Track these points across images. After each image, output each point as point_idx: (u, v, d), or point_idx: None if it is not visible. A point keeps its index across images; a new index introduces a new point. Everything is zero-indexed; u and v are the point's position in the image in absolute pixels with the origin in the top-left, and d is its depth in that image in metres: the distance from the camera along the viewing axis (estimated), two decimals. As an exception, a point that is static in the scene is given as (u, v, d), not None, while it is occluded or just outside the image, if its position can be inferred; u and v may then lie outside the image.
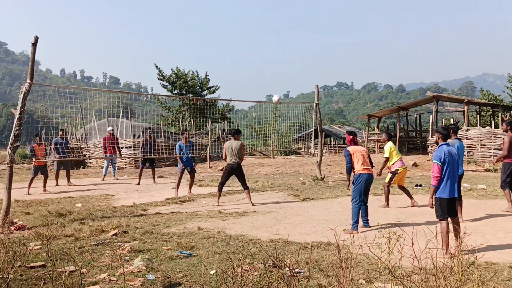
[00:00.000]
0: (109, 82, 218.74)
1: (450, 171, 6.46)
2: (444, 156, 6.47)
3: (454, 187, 6.54)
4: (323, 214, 9.87)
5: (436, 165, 6.48)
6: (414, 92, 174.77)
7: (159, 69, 37.78)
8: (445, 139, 6.73)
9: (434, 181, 6.53)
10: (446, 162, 6.46)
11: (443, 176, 6.48)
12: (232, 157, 11.20)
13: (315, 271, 5.44)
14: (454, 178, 6.54)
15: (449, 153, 6.49)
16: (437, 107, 27.22)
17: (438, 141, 6.78)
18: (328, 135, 46.13)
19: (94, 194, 13.46)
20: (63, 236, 7.51)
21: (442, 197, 6.49)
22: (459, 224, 6.63)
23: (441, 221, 6.52)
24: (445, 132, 6.75)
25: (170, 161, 25.16)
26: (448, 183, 6.45)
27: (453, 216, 6.60)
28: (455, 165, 6.53)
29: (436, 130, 6.90)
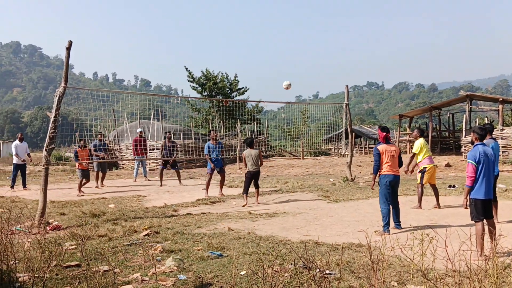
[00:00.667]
0: (140, 84, 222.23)
1: (485, 171, 6.32)
2: (479, 156, 6.34)
3: (490, 188, 6.40)
4: (353, 215, 9.79)
5: (471, 165, 6.36)
6: (446, 91, 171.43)
7: (189, 71, 38.13)
8: (481, 139, 6.58)
9: (468, 182, 6.41)
10: (481, 162, 6.33)
11: (478, 176, 6.35)
12: (253, 164, 11.78)
13: (346, 272, 5.40)
14: (490, 179, 6.39)
15: (484, 153, 6.35)
16: (470, 107, 26.63)
17: (474, 141, 6.64)
18: (358, 135, 45.70)
19: (126, 195, 13.70)
20: (97, 236, 7.66)
21: (477, 198, 6.35)
22: (494, 226, 6.48)
23: (476, 223, 6.39)
24: (481, 132, 6.60)
25: (200, 162, 25.35)
26: (484, 184, 6.32)
27: (488, 218, 6.44)
28: (490, 166, 6.39)
29: (472, 130, 6.76)
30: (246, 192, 11.71)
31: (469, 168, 6.38)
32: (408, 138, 31.93)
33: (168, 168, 17.94)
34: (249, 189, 11.79)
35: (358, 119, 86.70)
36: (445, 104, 32.43)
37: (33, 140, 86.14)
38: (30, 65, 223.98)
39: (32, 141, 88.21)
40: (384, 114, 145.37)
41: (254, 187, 11.97)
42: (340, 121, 20.31)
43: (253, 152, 11.86)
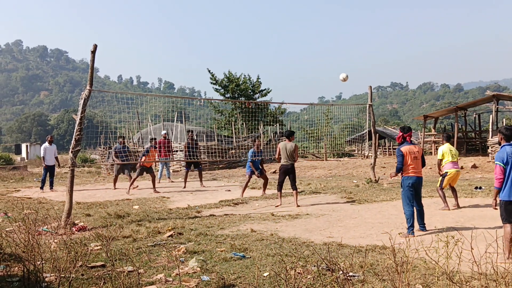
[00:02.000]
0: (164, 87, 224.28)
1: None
2: (507, 157, 6.20)
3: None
4: (377, 217, 9.70)
5: (499, 166, 6.22)
6: (472, 91, 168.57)
7: (211, 74, 38.38)
8: (508, 139, 6.44)
9: (496, 183, 6.27)
10: (509, 163, 6.19)
11: (506, 177, 6.22)
12: (286, 158, 11.50)
13: (370, 275, 5.36)
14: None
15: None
16: (497, 107, 26.12)
17: (501, 141, 6.51)
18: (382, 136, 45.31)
19: (150, 197, 13.84)
20: (121, 237, 7.76)
21: (507, 199, 6.22)
22: None
23: (505, 225, 6.25)
24: (508, 132, 6.46)
25: (223, 164, 25.47)
26: (509, 185, 6.16)
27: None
28: None
29: (499, 131, 6.63)
30: (280, 189, 11.73)
31: (497, 169, 6.25)
32: (433, 139, 31.50)
33: (192, 170, 18.04)
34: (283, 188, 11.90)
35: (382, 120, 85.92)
36: (471, 105, 31.89)
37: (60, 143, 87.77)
38: (57, 69, 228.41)
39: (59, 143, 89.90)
40: (408, 115, 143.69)
41: (291, 188, 11.67)
42: (364, 122, 20.16)
43: (289, 145, 11.49)
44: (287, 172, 11.58)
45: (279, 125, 33.81)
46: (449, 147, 10.66)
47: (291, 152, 11.47)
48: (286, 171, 11.56)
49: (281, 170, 11.67)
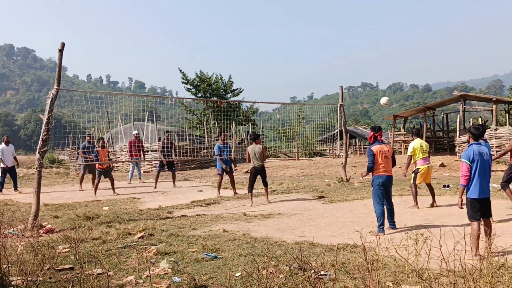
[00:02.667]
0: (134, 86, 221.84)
1: (480, 170, 6.32)
2: (473, 155, 6.34)
3: (486, 187, 6.39)
4: (348, 216, 9.79)
5: (465, 164, 6.36)
6: (440, 91, 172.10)
7: (183, 73, 38.11)
8: (476, 138, 6.58)
9: (462, 181, 6.41)
10: (475, 162, 6.33)
11: (472, 176, 6.35)
12: (256, 160, 11.91)
13: (341, 273, 5.39)
14: (486, 178, 6.39)
15: (479, 153, 6.35)
16: (464, 107, 26.71)
17: (469, 140, 6.66)
18: (353, 136, 45.77)
19: (120, 198, 13.64)
20: (90, 239, 7.63)
21: (473, 197, 6.36)
22: (490, 225, 6.49)
23: (472, 222, 6.38)
24: (476, 131, 6.60)
25: (195, 164, 25.33)
26: (478, 183, 6.31)
27: (486, 217, 6.45)
28: (486, 165, 6.38)
29: (468, 130, 6.79)
30: (251, 190, 11.90)
31: (463, 167, 6.39)
32: (403, 138, 32.01)
33: (165, 170, 17.87)
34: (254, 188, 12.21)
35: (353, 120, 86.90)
36: (439, 104, 32.52)
37: (27, 143, 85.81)
38: (24, 68, 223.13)
39: (26, 143, 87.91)
40: (378, 114, 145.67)
41: (263, 185, 12.39)
42: (335, 122, 20.35)
43: (257, 147, 11.98)
44: (258, 173, 12.06)
45: (252, 124, 33.82)
46: (420, 142, 10.72)
47: (259, 153, 11.94)
48: (257, 172, 12.03)
49: (252, 172, 12.03)
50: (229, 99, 38.69)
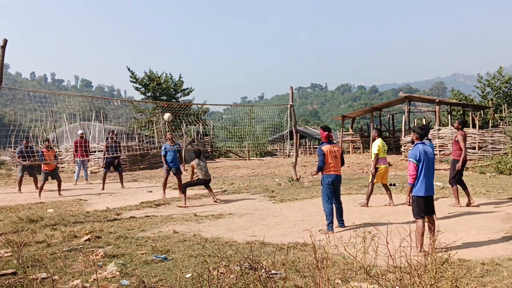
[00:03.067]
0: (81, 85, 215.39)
1: (425, 169, 6.55)
2: (419, 154, 6.55)
3: (431, 185, 6.62)
4: (299, 215, 9.89)
5: (412, 163, 6.57)
6: (386, 92, 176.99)
7: (131, 72, 37.37)
8: (422, 138, 6.81)
9: (410, 180, 6.62)
10: (421, 161, 6.54)
11: (419, 174, 6.56)
12: (206, 173, 12.05)
13: (292, 272, 5.44)
14: (430, 176, 6.62)
15: (424, 152, 6.57)
16: (409, 107, 27.59)
17: (415, 140, 6.86)
18: (303, 136, 46.33)
19: (66, 199, 13.21)
20: (34, 242, 7.35)
21: (419, 195, 6.57)
22: (434, 222, 6.73)
23: (417, 220, 6.59)
24: (421, 131, 6.82)
25: (144, 165, 24.92)
26: (424, 181, 6.53)
27: (429, 214, 6.68)
28: (430, 164, 6.62)
29: (413, 130, 7.00)
30: (185, 190, 11.81)
31: (410, 166, 6.59)
32: (351, 138, 32.70)
33: (111, 171, 17.47)
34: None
35: (303, 120, 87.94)
36: (385, 105, 33.43)
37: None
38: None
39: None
40: (327, 115, 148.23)
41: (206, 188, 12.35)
42: (285, 122, 20.54)
43: (202, 162, 12.06)
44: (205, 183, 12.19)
45: (202, 124, 33.62)
46: (382, 142, 10.93)
47: (206, 167, 12.22)
48: (205, 182, 12.11)
49: (201, 182, 12.08)
50: (180, 98, 38.31)
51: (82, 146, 17.19)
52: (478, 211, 9.69)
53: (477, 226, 8.27)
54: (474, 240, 7.17)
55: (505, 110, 29.71)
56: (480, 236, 7.49)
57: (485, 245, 6.88)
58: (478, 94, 36.20)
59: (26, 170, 15.70)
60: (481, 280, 5.09)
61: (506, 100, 33.03)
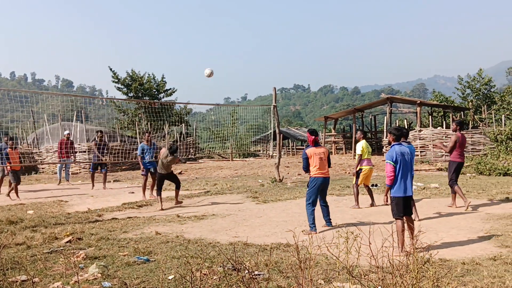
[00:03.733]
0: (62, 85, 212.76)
1: (403, 170, 6.61)
2: (396, 155, 6.61)
3: (409, 185, 6.68)
4: (282, 216, 9.91)
5: (389, 165, 6.62)
6: (368, 94, 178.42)
7: (113, 72, 37.03)
8: (398, 139, 6.87)
9: (388, 181, 6.68)
10: (398, 162, 6.60)
11: (396, 175, 6.62)
12: (162, 168, 11.62)
13: (275, 272, 5.44)
14: (408, 177, 6.68)
15: (401, 153, 6.64)
16: (391, 109, 27.87)
17: (391, 141, 6.92)
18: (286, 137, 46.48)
19: (46, 201, 13.02)
20: (14, 244, 7.24)
21: (398, 195, 6.62)
22: (413, 222, 6.79)
23: (397, 220, 6.65)
24: (397, 132, 6.89)
25: (126, 165, 24.72)
26: (402, 182, 6.59)
27: (408, 215, 6.74)
28: (407, 164, 6.68)
29: (389, 131, 7.07)
30: (159, 193, 11.65)
31: (388, 168, 6.64)
32: (334, 139, 32.88)
33: (98, 171, 17.30)
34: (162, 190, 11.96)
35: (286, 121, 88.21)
36: (367, 106, 33.72)
37: None
38: None
39: None
40: (310, 116, 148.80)
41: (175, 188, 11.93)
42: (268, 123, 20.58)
43: (169, 158, 11.50)
44: (164, 178, 11.86)
45: (185, 125, 33.47)
46: (366, 143, 10.99)
47: (167, 164, 11.60)
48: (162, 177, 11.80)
49: (158, 177, 11.83)
50: (162, 99, 38.09)
51: (67, 146, 16.99)
52: (459, 211, 9.81)
53: (457, 226, 8.38)
54: (455, 240, 7.26)
55: (485, 111, 30.20)
56: (461, 236, 7.59)
57: (466, 245, 6.97)
58: (459, 96, 36.76)
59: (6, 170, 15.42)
60: (461, 279, 5.16)
61: (486, 101, 33.57)
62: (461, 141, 10.26)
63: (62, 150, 16.98)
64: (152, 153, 13.21)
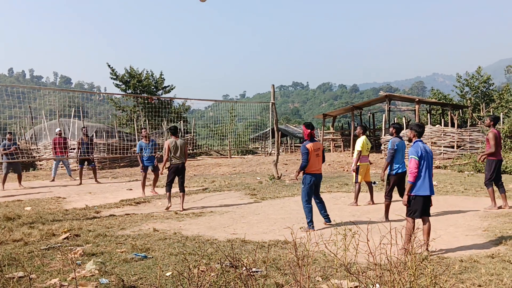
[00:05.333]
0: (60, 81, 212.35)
1: (427, 167, 6.31)
2: (421, 151, 6.31)
3: (431, 183, 6.39)
4: (280, 213, 9.90)
5: (414, 160, 6.28)
6: (367, 91, 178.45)
7: (112, 68, 36.96)
8: (419, 136, 6.58)
9: (411, 178, 6.31)
10: (423, 158, 6.30)
11: (420, 172, 6.31)
12: (177, 157, 10.66)
13: (272, 269, 5.43)
14: (431, 175, 6.39)
15: (425, 149, 6.37)
16: (389, 106, 27.85)
17: (412, 138, 6.61)
18: (284, 134, 46.47)
19: (44, 197, 13.01)
20: (11, 241, 7.22)
21: (422, 194, 6.31)
22: (430, 225, 6.51)
23: (409, 220, 6.38)
24: (419, 129, 6.61)
25: (124, 162, 24.68)
26: (427, 179, 6.30)
27: (426, 215, 6.47)
28: (430, 162, 6.38)
29: (410, 127, 6.71)
30: (169, 189, 10.83)
31: (412, 163, 6.29)
32: (332, 137, 32.88)
33: (86, 166, 17.41)
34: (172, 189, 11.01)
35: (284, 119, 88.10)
36: (366, 104, 33.70)
37: None
38: None
39: None
40: (309, 113, 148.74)
41: (179, 190, 10.89)
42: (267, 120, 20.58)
43: (179, 141, 10.69)
44: (178, 173, 10.78)
45: (184, 122, 33.44)
46: (366, 139, 10.88)
47: (182, 149, 10.71)
48: (177, 170, 10.74)
49: (174, 170, 10.72)
50: (160, 96, 38.04)
51: (60, 144, 17.03)
52: (457, 209, 9.81)
53: (455, 223, 8.38)
54: (453, 238, 7.26)
55: (483, 109, 30.22)
56: (458, 233, 7.59)
57: (464, 242, 6.97)
58: (457, 94, 36.74)
59: (11, 166, 15.40)
60: (459, 277, 5.15)
61: (484, 99, 33.57)
62: (499, 136, 9.66)
63: (57, 147, 17.03)
64: (151, 149, 13.21)
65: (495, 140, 9.50)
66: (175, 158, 10.65)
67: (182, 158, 10.73)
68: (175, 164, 10.68)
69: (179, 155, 10.67)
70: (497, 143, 9.54)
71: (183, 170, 10.85)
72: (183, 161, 10.75)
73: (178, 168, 10.72)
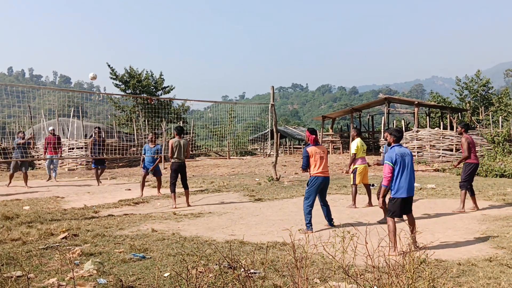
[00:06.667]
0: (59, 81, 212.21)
1: (403, 170, 6.53)
2: (395, 156, 6.56)
3: (411, 185, 6.61)
4: (278, 215, 9.90)
5: (388, 165, 6.57)
6: (366, 94, 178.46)
7: (111, 68, 36.96)
8: (398, 140, 6.83)
9: (385, 181, 6.64)
10: (398, 163, 6.55)
11: (396, 176, 6.56)
12: (181, 154, 11.31)
13: (271, 271, 5.44)
14: (410, 178, 6.59)
15: (401, 154, 6.59)
16: (388, 109, 27.91)
17: (391, 142, 6.87)
18: (283, 136, 46.50)
19: (43, 196, 13.01)
20: (9, 240, 7.21)
21: (399, 197, 6.56)
22: (413, 219, 6.78)
23: (389, 219, 6.58)
24: (398, 134, 6.83)
25: (123, 162, 24.69)
26: (404, 183, 6.53)
27: (408, 213, 6.74)
28: (408, 164, 6.60)
29: (389, 132, 6.95)
30: (173, 190, 11.30)
31: (386, 168, 6.60)
32: (331, 139, 32.90)
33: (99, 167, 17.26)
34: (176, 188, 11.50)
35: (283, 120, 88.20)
36: (365, 106, 33.74)
37: None
38: None
39: None
40: (308, 115, 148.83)
41: (183, 188, 11.59)
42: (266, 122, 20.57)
43: (182, 141, 11.31)
44: (180, 170, 11.36)
45: (183, 122, 33.44)
46: (361, 141, 10.95)
47: (185, 147, 11.36)
48: (179, 167, 11.33)
49: (174, 168, 11.31)
50: (160, 96, 38.05)
51: (52, 143, 16.96)
52: (457, 213, 9.81)
53: (453, 226, 8.39)
54: (451, 241, 7.27)
55: (482, 113, 30.26)
56: (457, 236, 7.60)
57: (462, 245, 6.98)
58: (456, 97, 36.81)
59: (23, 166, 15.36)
60: (457, 280, 5.16)
61: (483, 103, 33.64)
62: (471, 141, 10.06)
63: (49, 146, 16.97)
64: (154, 153, 13.32)
65: (468, 145, 9.94)
66: (177, 157, 11.31)
67: (183, 157, 11.37)
68: (176, 163, 11.32)
69: (181, 154, 11.33)
70: (470, 147, 9.96)
71: (183, 168, 11.48)
72: (183, 160, 11.40)
73: (179, 167, 11.36)
